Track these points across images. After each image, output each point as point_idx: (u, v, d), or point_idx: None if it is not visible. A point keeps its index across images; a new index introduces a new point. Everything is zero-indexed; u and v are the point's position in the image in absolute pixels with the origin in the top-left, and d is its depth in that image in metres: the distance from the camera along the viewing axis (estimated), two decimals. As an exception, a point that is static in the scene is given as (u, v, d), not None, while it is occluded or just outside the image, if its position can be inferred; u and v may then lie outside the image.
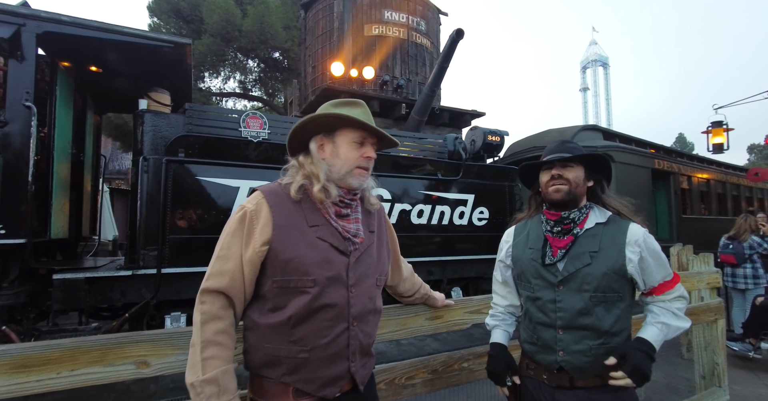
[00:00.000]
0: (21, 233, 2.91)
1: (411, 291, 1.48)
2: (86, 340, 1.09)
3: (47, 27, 3.07)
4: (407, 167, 4.84)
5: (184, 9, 13.44)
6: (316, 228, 1.08)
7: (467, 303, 1.64)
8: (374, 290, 1.15)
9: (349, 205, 1.15)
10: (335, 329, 1.04)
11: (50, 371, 1.05)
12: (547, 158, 1.40)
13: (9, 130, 2.91)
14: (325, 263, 1.05)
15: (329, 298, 1.03)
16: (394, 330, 1.47)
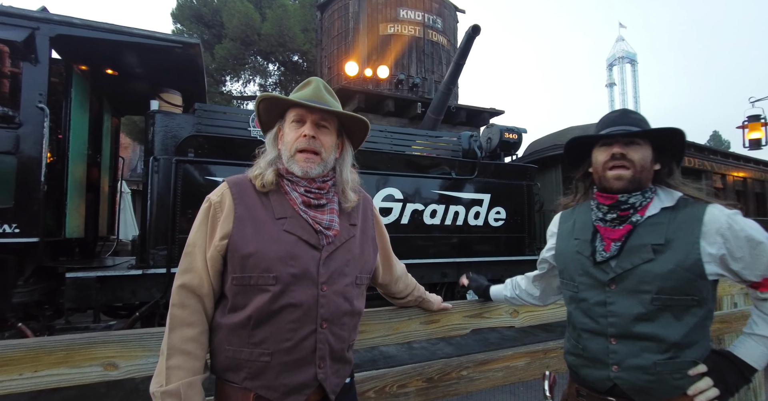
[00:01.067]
0: (34, 232, 2.97)
1: (404, 293, 1.35)
2: (50, 340, 1.04)
3: (60, 30, 3.13)
4: (420, 166, 4.73)
5: (206, 14, 13.75)
6: (283, 221, 0.99)
7: (467, 306, 1.52)
8: (352, 289, 1.03)
9: (320, 195, 1.04)
10: (300, 331, 0.93)
11: (11, 372, 1.00)
12: (607, 131, 1.10)
13: (23, 131, 2.97)
14: (290, 258, 0.95)
15: (293, 297, 0.93)
16: (385, 335, 1.37)
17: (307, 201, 1.02)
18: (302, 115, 1.03)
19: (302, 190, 1.03)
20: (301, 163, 1.01)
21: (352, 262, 1.04)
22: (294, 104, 1.02)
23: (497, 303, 1.58)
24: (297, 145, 1.02)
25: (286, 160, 1.03)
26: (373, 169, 4.41)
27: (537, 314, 1.70)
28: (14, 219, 2.90)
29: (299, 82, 5.53)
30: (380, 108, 7.76)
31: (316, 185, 1.04)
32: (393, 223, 4.41)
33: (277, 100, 1.04)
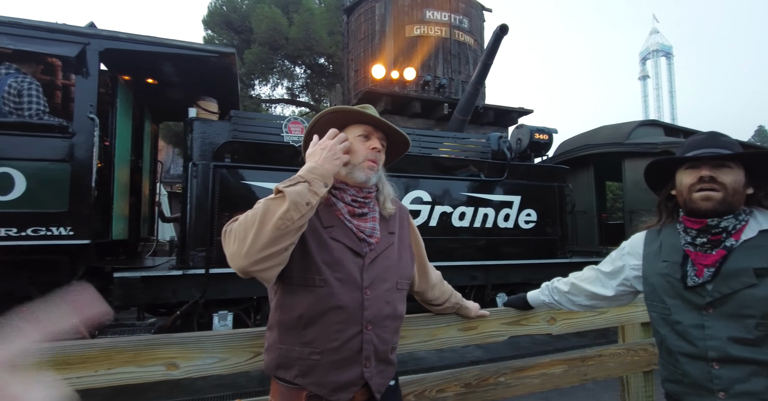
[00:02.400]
0: (86, 234, 3.16)
1: (440, 299, 1.40)
2: (120, 341, 1.13)
3: (108, 44, 3.33)
4: (448, 168, 4.73)
5: (235, 20, 14.15)
6: (330, 230, 1.07)
7: (504, 313, 1.54)
8: (393, 294, 1.10)
9: (363, 204, 1.13)
10: (346, 332, 1.01)
11: (88, 369, 1.10)
12: (694, 153, 1.07)
13: (76, 140, 3.17)
14: (336, 264, 1.03)
15: (339, 300, 1.01)
16: (423, 341, 1.41)
17: (351, 211, 1.10)
18: (370, 132, 1.13)
19: (349, 199, 1.11)
20: (366, 170, 1.10)
21: (392, 268, 1.11)
22: (374, 121, 1.12)
23: (534, 311, 1.59)
24: (367, 155, 1.11)
25: (347, 169, 1.10)
26: (400, 171, 4.45)
27: (575, 321, 1.69)
28: (68, 222, 3.10)
29: (325, 85, 5.66)
30: (406, 109, 7.79)
31: (362, 194, 1.12)
32: (421, 226, 4.43)
33: (353, 114, 1.12)
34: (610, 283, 1.30)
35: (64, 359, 1.08)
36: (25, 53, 3.13)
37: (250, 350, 1.23)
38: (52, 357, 1.07)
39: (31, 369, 1.07)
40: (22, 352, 0.33)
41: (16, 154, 3.03)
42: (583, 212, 7.05)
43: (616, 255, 1.31)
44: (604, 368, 1.69)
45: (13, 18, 3.09)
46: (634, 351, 1.76)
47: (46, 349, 1.07)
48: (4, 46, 3.02)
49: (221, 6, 14.39)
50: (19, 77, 3.06)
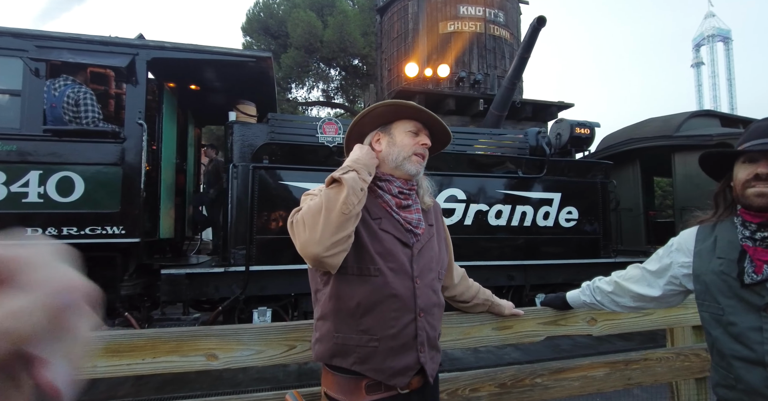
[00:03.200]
0: (136, 233, 3.37)
1: (466, 295, 1.38)
2: (165, 332, 1.20)
3: (154, 53, 3.53)
4: (483, 165, 4.64)
5: (272, 26, 14.58)
6: (379, 221, 1.10)
7: (541, 313, 1.48)
8: (437, 283, 1.16)
9: (408, 196, 1.16)
10: (402, 319, 1.05)
11: (136, 357, 1.17)
12: (751, 145, 1.00)
13: (126, 145, 3.39)
14: (388, 254, 1.07)
15: (394, 289, 1.05)
16: (456, 339, 1.38)
17: (398, 203, 1.14)
18: (420, 129, 1.16)
19: (396, 191, 1.14)
20: (415, 163, 1.14)
21: (435, 259, 1.15)
22: (425, 118, 1.16)
23: (574, 311, 1.52)
24: (416, 150, 1.15)
25: (397, 162, 1.13)
26: (434, 169, 4.41)
27: (617, 322, 1.61)
28: (120, 222, 3.32)
29: (359, 86, 5.70)
30: (441, 107, 7.71)
31: (407, 187, 1.16)
32: (456, 224, 4.37)
33: (406, 109, 1.14)
34: (656, 282, 1.22)
35: (116, 347, 1.15)
36: (81, 65, 3.39)
37: (285, 343, 1.26)
38: (105, 345, 1.15)
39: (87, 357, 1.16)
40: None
41: (76, 159, 3.28)
42: (629, 210, 6.68)
43: (663, 252, 1.23)
44: (651, 373, 1.59)
45: (71, 34, 3.35)
46: (684, 356, 1.65)
47: (99, 338, 1.15)
48: (64, 59, 3.28)
49: (259, 12, 14.87)
50: (75, 87, 3.32)
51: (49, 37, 3.30)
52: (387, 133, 1.17)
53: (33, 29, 3.32)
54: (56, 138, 3.24)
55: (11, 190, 3.16)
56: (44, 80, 3.28)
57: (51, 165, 3.23)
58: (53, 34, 3.32)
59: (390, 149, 1.15)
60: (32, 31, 3.28)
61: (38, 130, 3.21)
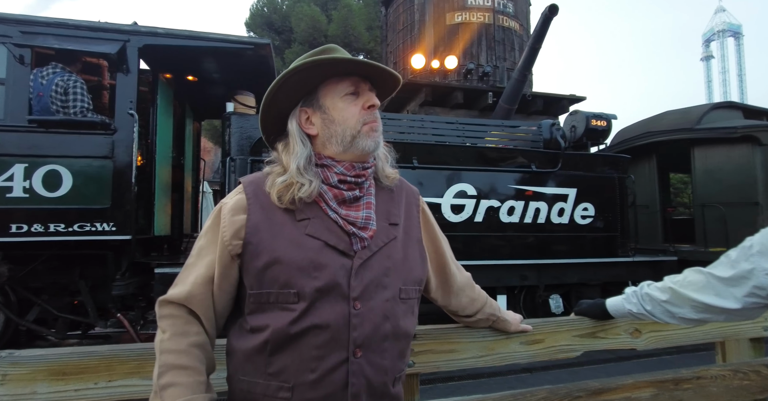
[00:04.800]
0: (127, 230, 3.18)
1: (469, 309, 1.08)
2: (123, 349, 0.98)
3: (146, 40, 3.33)
4: (494, 159, 4.40)
5: (276, 21, 14.39)
6: (306, 223, 0.80)
7: (577, 324, 1.25)
8: (395, 306, 0.82)
9: (355, 185, 0.84)
10: (327, 360, 0.74)
11: (87, 380, 0.96)
12: None
13: (117, 137, 3.20)
14: (313, 268, 0.76)
15: (318, 317, 0.75)
16: (478, 356, 1.16)
17: (338, 195, 0.83)
18: (357, 84, 0.85)
19: (335, 180, 0.83)
20: (370, 136, 0.84)
21: (393, 271, 0.83)
22: (357, 68, 0.84)
23: (615, 321, 1.29)
24: (365, 118, 0.84)
25: (345, 143, 0.84)
26: (442, 163, 4.18)
27: (665, 334, 1.37)
28: (111, 218, 3.14)
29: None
30: (448, 100, 7.47)
31: (354, 172, 0.84)
32: (465, 222, 4.14)
33: (327, 66, 0.81)
34: (731, 292, 0.98)
35: (61, 369, 0.94)
36: (69, 52, 3.19)
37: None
38: (48, 366, 0.93)
39: (24, 379, 0.95)
40: None
41: (63, 152, 3.09)
42: (645, 206, 6.41)
43: (740, 255, 0.98)
44: (705, 394, 1.36)
45: (57, 19, 3.16)
46: (743, 374, 1.41)
47: (40, 357, 0.94)
48: (50, 45, 3.09)
49: (262, 8, 14.70)
50: (65, 75, 3.12)
51: (35, 23, 3.11)
52: (316, 107, 0.85)
53: (17, 14, 3.13)
54: (42, 129, 3.05)
55: (-5, 185, 2.98)
56: (29, 68, 3.09)
57: (37, 158, 3.04)
58: (39, 19, 3.14)
59: (329, 128, 0.84)
60: (16, 15, 3.08)
61: (23, 121, 3.03)
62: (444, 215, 4.10)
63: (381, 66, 0.85)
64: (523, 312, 4.51)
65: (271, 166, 0.86)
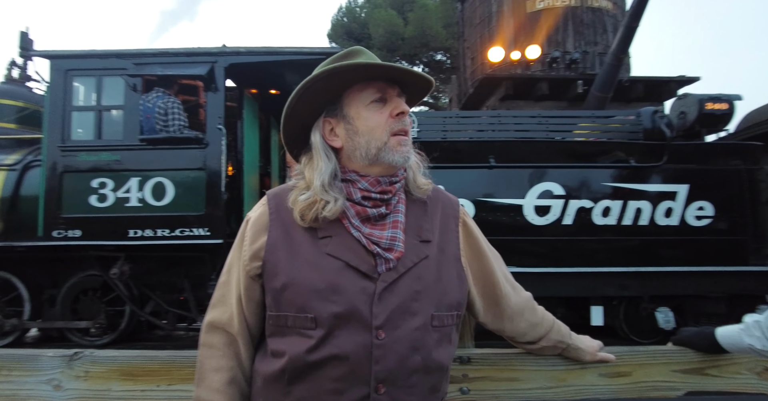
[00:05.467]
0: (220, 234, 3.49)
1: (531, 336, 0.93)
2: (180, 355, 1.03)
3: (231, 59, 3.64)
4: (585, 154, 3.96)
5: (355, 30, 14.88)
6: (327, 241, 0.74)
7: (679, 356, 1.01)
8: (426, 335, 0.72)
9: (381, 202, 0.76)
10: (347, 395, 0.68)
11: (151, 382, 1.02)
12: None
13: (209, 150, 3.54)
14: (331, 291, 0.70)
15: (337, 346, 0.68)
16: (546, 387, 1.00)
17: (362, 212, 0.75)
18: (384, 90, 0.77)
19: (358, 196, 0.76)
20: (399, 147, 0.76)
21: (424, 295, 0.73)
22: (384, 72, 0.75)
23: (731, 355, 1.02)
24: (392, 127, 0.76)
25: (370, 156, 0.76)
26: (524, 161, 3.88)
27: (809, 376, 1.06)
28: (205, 223, 3.47)
29: (443, 81, 5.10)
30: (531, 93, 6.97)
31: (379, 188, 0.76)
32: (552, 225, 3.79)
33: (349, 72, 0.74)
34: None
35: (129, 370, 1.02)
36: (171, 77, 3.62)
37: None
38: (119, 367, 1.02)
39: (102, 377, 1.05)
40: None
41: (166, 165, 3.51)
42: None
43: None
44: None
45: (159, 49, 3.61)
46: None
47: (112, 358, 1.02)
48: (155, 73, 3.54)
49: (342, 18, 15.31)
50: (165, 98, 3.55)
51: (143, 54, 3.59)
52: (340, 117, 0.78)
53: (130, 49, 3.64)
54: (150, 146, 3.50)
55: (117, 196, 3.49)
56: (140, 94, 3.56)
57: (147, 171, 3.50)
58: (146, 51, 3.61)
59: (353, 140, 0.77)
60: (130, 50, 3.60)
61: (136, 140, 3.50)
62: (527, 218, 3.80)
63: (408, 69, 0.77)
64: (624, 325, 3.99)
65: (296, 179, 0.82)
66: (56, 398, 1.02)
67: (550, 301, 3.99)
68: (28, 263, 4.07)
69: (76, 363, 1.03)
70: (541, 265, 3.74)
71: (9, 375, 1.03)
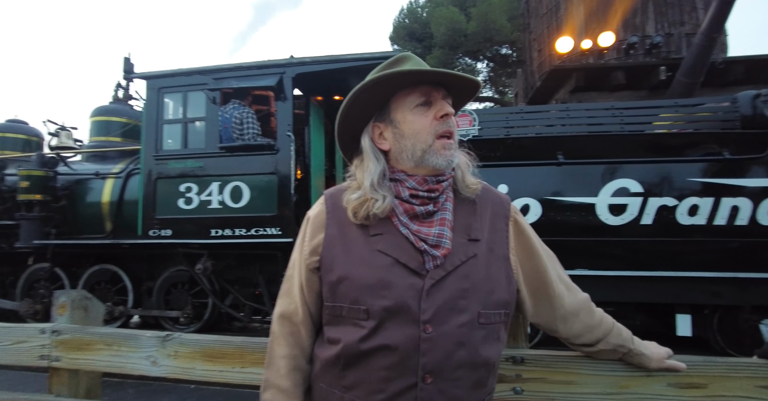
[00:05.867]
0: (290, 233, 3.73)
1: (587, 338, 0.90)
2: (251, 341, 1.15)
3: (298, 69, 3.87)
4: (668, 147, 3.61)
5: (417, 30, 14.91)
6: (378, 238, 0.78)
7: (762, 370, 0.91)
8: (473, 332, 0.75)
9: (428, 200, 0.80)
10: (395, 383, 0.72)
11: (227, 364, 1.15)
12: None
13: (279, 156, 3.80)
14: (381, 287, 0.74)
15: (387, 338, 0.73)
16: (606, 393, 0.95)
17: (409, 209, 0.79)
18: (429, 94, 0.80)
19: (406, 194, 0.80)
20: (442, 151, 0.79)
21: (471, 293, 0.76)
22: (428, 76, 0.80)
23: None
24: (437, 129, 0.79)
25: (415, 159, 0.81)
26: (596, 157, 3.63)
27: None
28: (277, 223, 3.73)
29: (509, 75, 5.01)
30: (605, 83, 6.48)
31: (426, 186, 0.80)
32: (629, 224, 3.50)
33: (394, 79, 0.79)
34: None
35: (209, 352, 1.16)
36: (244, 89, 3.94)
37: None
38: (201, 349, 1.16)
39: (188, 357, 1.20)
40: None
41: (243, 170, 3.84)
42: None
43: None
44: None
45: (234, 64, 3.95)
46: None
47: (195, 341, 1.17)
48: (231, 86, 3.88)
49: (404, 19, 15.42)
50: (240, 109, 3.88)
51: (221, 70, 3.96)
52: (388, 121, 0.83)
53: (210, 65, 4.03)
54: (228, 153, 3.85)
55: (201, 199, 3.88)
56: (219, 106, 3.93)
57: (226, 176, 3.85)
58: (223, 66, 3.97)
59: (399, 143, 0.82)
60: (209, 66, 3.98)
61: (216, 148, 3.87)
62: (600, 217, 3.55)
63: (450, 72, 0.80)
64: (719, 338, 3.57)
65: (350, 180, 0.88)
66: (153, 372, 1.19)
67: (627, 307, 3.69)
68: (131, 258, 4.68)
69: (168, 343, 1.20)
70: (615, 268, 3.48)
71: (119, 350, 1.22)
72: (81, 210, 4.71)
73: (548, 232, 3.61)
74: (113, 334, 1.25)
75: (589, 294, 0.92)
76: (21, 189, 4.45)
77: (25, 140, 6.04)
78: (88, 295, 1.37)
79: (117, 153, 5.13)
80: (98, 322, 1.38)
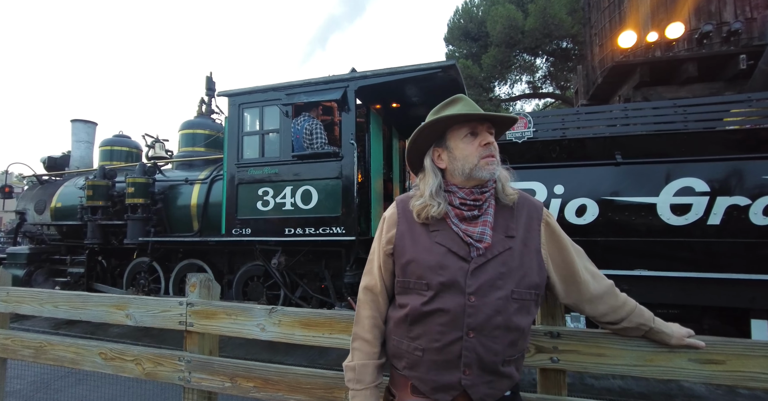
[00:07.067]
0: (353, 232, 4.08)
1: (612, 317, 1.13)
2: (338, 313, 1.46)
3: (360, 83, 4.21)
4: (738, 144, 3.46)
5: (472, 29, 14.83)
6: (436, 233, 1.08)
7: (779, 348, 1.03)
8: (507, 303, 1.02)
9: (474, 207, 1.09)
10: (448, 335, 1.01)
11: (319, 331, 1.47)
12: None
13: (343, 162, 4.16)
14: (439, 268, 1.03)
15: (442, 303, 1.02)
16: (632, 365, 1.12)
17: (459, 214, 1.08)
18: (474, 128, 1.09)
19: (457, 203, 1.09)
20: (487, 166, 1.07)
21: (507, 276, 1.03)
22: (473, 118, 1.08)
23: None
24: (481, 153, 1.08)
25: (465, 174, 1.08)
26: (657, 156, 3.57)
27: None
28: (342, 223, 4.09)
29: (571, 69, 5.23)
30: (675, 76, 6.15)
31: (472, 197, 1.09)
32: (694, 224, 3.41)
33: (448, 120, 1.09)
34: None
35: (306, 322, 1.49)
36: (313, 103, 4.37)
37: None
38: (300, 319, 1.49)
39: (289, 325, 1.54)
40: None
41: (312, 176, 4.25)
42: None
43: None
44: None
45: (305, 80, 4.38)
46: None
47: (295, 313, 1.50)
48: (301, 100, 4.32)
49: (459, 19, 15.41)
50: (310, 121, 4.30)
51: (292, 86, 4.42)
52: (444, 147, 1.13)
53: (283, 82, 4.50)
54: (299, 161, 4.29)
55: (276, 201, 4.36)
56: (291, 119, 4.39)
57: (298, 181, 4.29)
58: (294, 82, 4.43)
59: (454, 163, 1.11)
60: (283, 83, 4.46)
61: (289, 157, 4.33)
62: (661, 217, 3.49)
63: (490, 114, 1.08)
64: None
65: (415, 189, 1.17)
66: (263, 336, 1.55)
67: (693, 310, 3.58)
68: (214, 254, 5.32)
69: (273, 314, 1.54)
70: (680, 269, 3.40)
71: (237, 319, 1.60)
72: (173, 211, 5.45)
73: (605, 232, 3.63)
74: (232, 306, 1.63)
75: (649, 295, 1.16)
76: (128, 194, 5.25)
77: (128, 152, 7.05)
78: (210, 277, 1.78)
79: (202, 161, 5.85)
80: (216, 298, 1.78)
